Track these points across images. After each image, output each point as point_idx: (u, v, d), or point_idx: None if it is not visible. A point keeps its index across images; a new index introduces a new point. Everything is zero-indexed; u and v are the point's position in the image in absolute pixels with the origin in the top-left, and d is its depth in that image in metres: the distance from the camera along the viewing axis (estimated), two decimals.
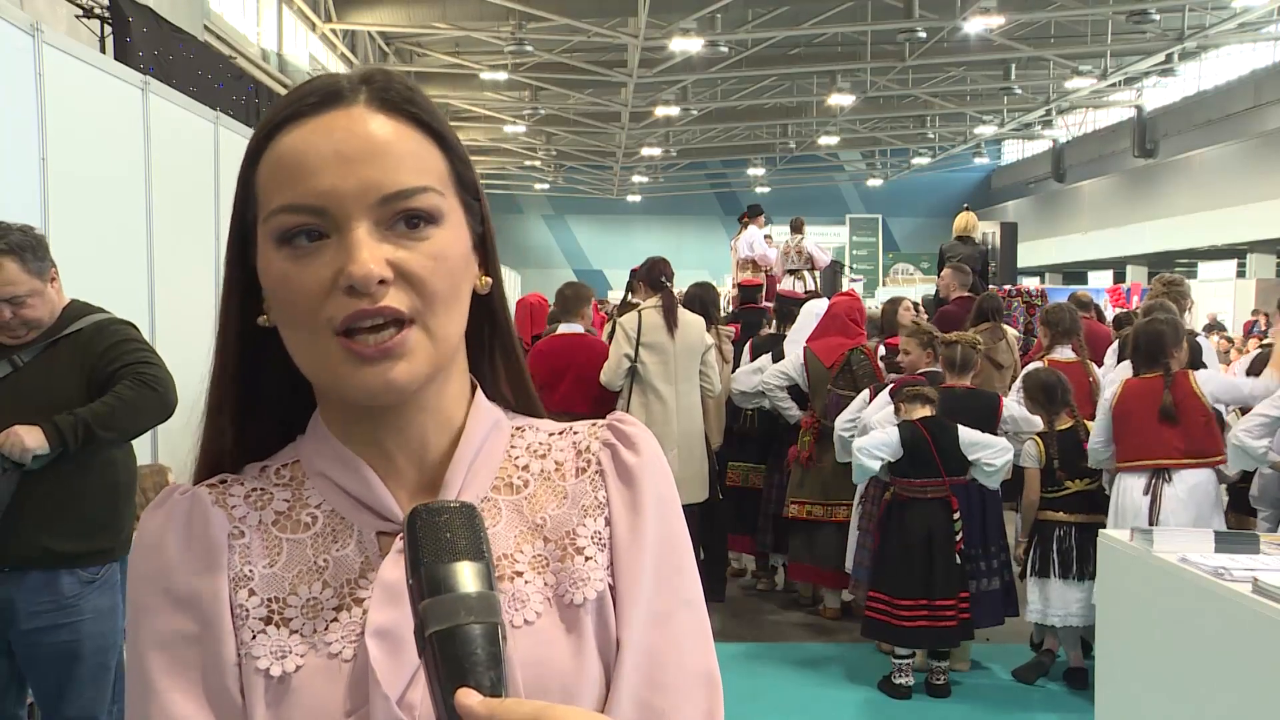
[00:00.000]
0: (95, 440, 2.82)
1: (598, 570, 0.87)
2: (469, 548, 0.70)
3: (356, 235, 0.78)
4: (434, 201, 0.82)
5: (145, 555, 0.85)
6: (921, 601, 4.66)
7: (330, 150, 0.80)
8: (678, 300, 5.46)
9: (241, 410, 0.90)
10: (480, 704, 0.66)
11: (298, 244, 0.80)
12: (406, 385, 0.81)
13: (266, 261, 0.82)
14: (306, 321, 0.80)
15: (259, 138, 0.84)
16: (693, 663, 0.87)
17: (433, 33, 19.27)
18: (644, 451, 0.92)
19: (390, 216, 0.80)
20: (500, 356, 0.96)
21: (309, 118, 0.82)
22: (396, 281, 0.79)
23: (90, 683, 2.96)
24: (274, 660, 0.81)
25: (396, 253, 0.80)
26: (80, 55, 4.47)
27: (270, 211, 0.81)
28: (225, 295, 0.89)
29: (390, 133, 0.82)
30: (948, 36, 19.41)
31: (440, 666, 0.67)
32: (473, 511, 0.72)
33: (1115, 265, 28.56)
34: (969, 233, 9.18)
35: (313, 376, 0.84)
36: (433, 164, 0.84)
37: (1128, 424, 4.55)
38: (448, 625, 0.67)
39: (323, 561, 0.85)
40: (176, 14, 10.32)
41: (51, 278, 2.92)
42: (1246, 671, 2.71)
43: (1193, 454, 4.44)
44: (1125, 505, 4.50)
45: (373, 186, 0.79)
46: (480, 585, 0.69)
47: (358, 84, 0.84)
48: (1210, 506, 4.43)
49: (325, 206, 0.79)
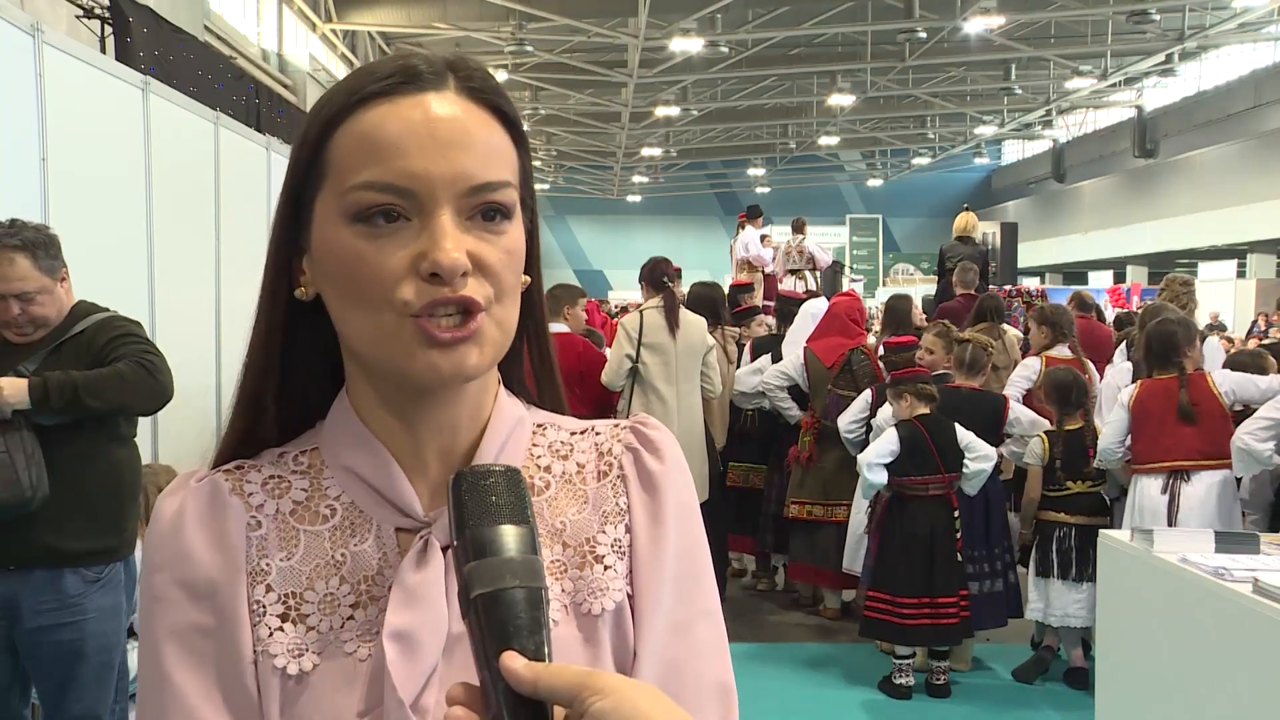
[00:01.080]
0: (80, 405, 2.78)
1: (617, 580, 0.86)
2: (514, 511, 0.70)
3: (442, 222, 0.78)
4: (512, 196, 0.82)
5: (161, 543, 0.83)
6: (924, 600, 4.66)
7: (424, 132, 0.79)
8: (680, 300, 5.46)
9: (282, 390, 0.89)
10: (525, 667, 0.66)
11: (375, 222, 0.78)
12: (475, 371, 0.80)
13: (333, 237, 0.80)
14: (377, 302, 0.78)
15: (336, 109, 0.81)
16: (710, 674, 0.87)
17: (433, 33, 19.26)
18: (667, 458, 0.92)
19: (472, 207, 0.79)
20: (534, 351, 0.95)
21: (397, 96, 0.80)
22: (474, 273, 0.79)
23: (93, 682, 2.96)
24: (291, 659, 0.80)
25: (477, 244, 0.79)
26: (80, 55, 4.47)
27: (350, 186, 0.79)
28: (273, 270, 0.87)
29: (480, 122, 0.82)
30: (948, 37, 19.41)
31: (485, 630, 0.67)
32: (517, 475, 0.73)
33: (1115, 265, 28.56)
34: (969, 233, 9.18)
35: (376, 355, 0.81)
36: (512, 159, 0.84)
37: (1145, 425, 4.54)
38: (492, 589, 0.67)
39: (340, 556, 0.84)
40: (177, 14, 10.32)
41: (62, 278, 2.93)
42: (1247, 671, 2.71)
43: (1211, 454, 4.42)
44: (1143, 506, 4.48)
45: (464, 175, 0.79)
46: (524, 549, 0.69)
47: (443, 69, 0.82)
48: (1230, 506, 4.41)
49: (414, 189, 0.78)
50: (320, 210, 0.82)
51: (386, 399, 0.85)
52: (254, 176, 6.41)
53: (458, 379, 0.80)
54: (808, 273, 10.24)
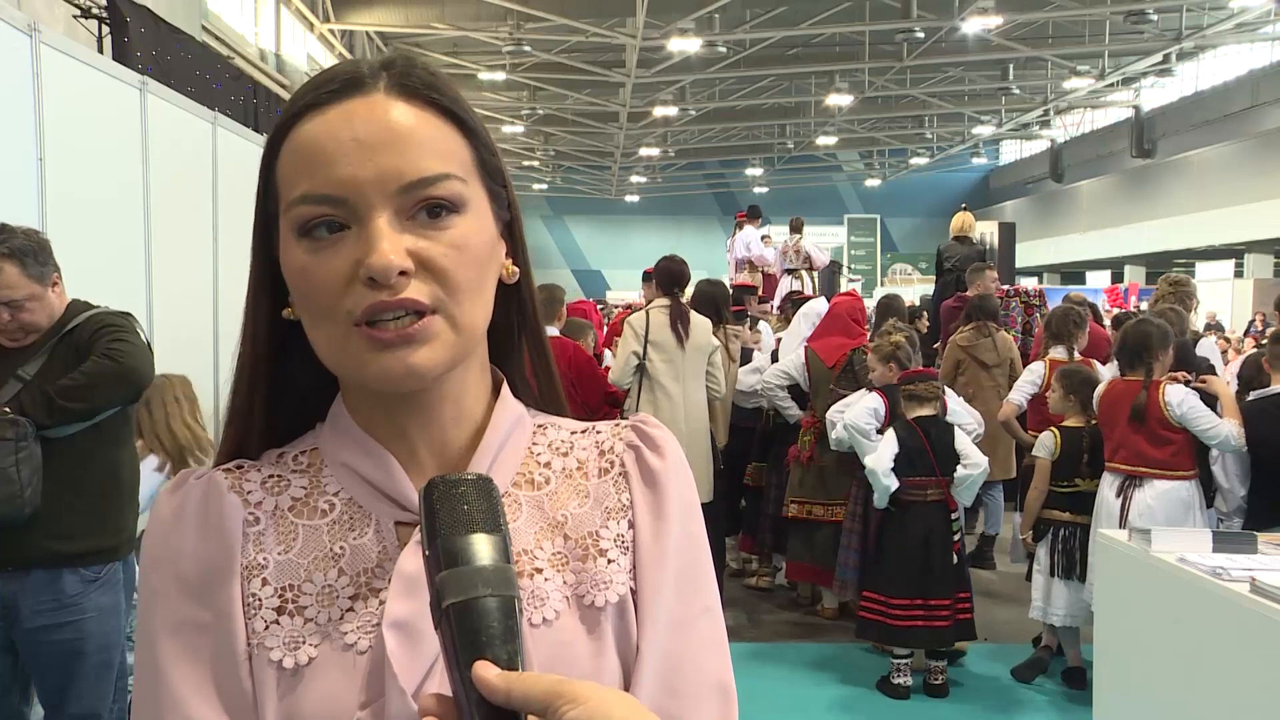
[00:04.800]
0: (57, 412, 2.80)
1: (620, 574, 0.86)
2: (486, 520, 0.70)
3: (376, 225, 0.77)
4: (456, 189, 0.80)
5: (159, 539, 0.84)
6: (917, 601, 4.67)
7: (348, 138, 0.78)
8: (687, 309, 5.46)
9: (269, 398, 0.89)
10: (498, 677, 0.65)
11: (317, 235, 0.79)
12: (428, 371, 0.79)
13: (288, 254, 0.81)
14: (327, 313, 0.79)
15: (279, 128, 0.83)
16: (710, 672, 0.87)
17: (431, 33, 19.26)
18: (668, 455, 0.91)
19: (411, 205, 0.78)
20: (529, 347, 0.94)
21: (328, 106, 0.80)
22: (418, 272, 0.78)
23: (93, 681, 2.97)
24: (287, 651, 0.80)
25: (418, 243, 0.78)
26: (78, 55, 4.46)
27: (290, 202, 0.80)
28: (252, 289, 0.87)
29: (411, 119, 0.80)
30: (946, 37, 19.44)
31: (457, 639, 0.67)
32: (489, 484, 0.72)
33: (1113, 265, 28.59)
34: (966, 232, 9.20)
35: (335, 367, 0.82)
36: (455, 150, 0.82)
37: (1109, 423, 4.61)
38: (464, 598, 0.67)
39: (339, 549, 0.84)
40: (174, 14, 10.31)
41: (54, 283, 2.93)
42: (1244, 671, 2.72)
43: (1157, 465, 4.45)
44: (1101, 503, 4.57)
45: (392, 175, 0.78)
46: (496, 558, 0.69)
47: (378, 70, 0.82)
48: (1183, 513, 4.41)
49: (344, 196, 0.78)
50: (281, 228, 0.82)
51: (373, 405, 0.85)
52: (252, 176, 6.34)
53: (410, 379, 0.79)
54: (804, 273, 10.24)
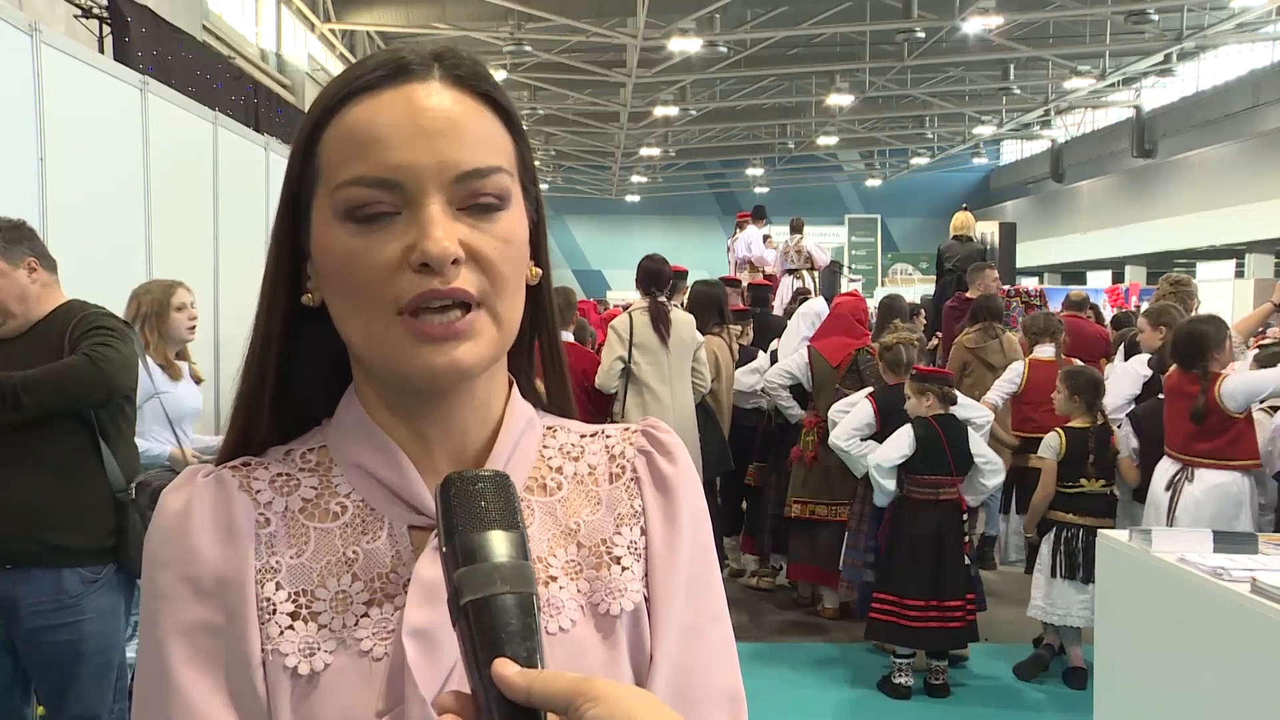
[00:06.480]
0: (20, 404, 2.75)
1: (634, 581, 0.86)
2: (503, 516, 0.70)
3: (431, 211, 0.76)
4: (505, 183, 0.80)
5: (166, 538, 0.81)
6: (931, 602, 4.66)
7: (408, 123, 0.77)
8: (666, 309, 5.46)
9: (281, 392, 0.87)
10: (518, 674, 0.65)
11: (366, 219, 0.77)
12: (472, 368, 0.78)
13: (328, 237, 0.79)
14: (370, 300, 0.77)
15: (323, 109, 0.81)
16: (720, 680, 0.87)
17: (432, 33, 19.24)
18: (679, 461, 0.91)
19: (463, 196, 0.78)
20: (545, 350, 0.93)
21: (381, 90, 0.79)
22: (467, 263, 0.77)
23: (92, 682, 2.96)
24: (302, 658, 0.78)
25: (469, 234, 0.77)
26: (79, 55, 4.47)
27: (338, 184, 0.78)
28: (269, 276, 0.85)
29: (467, 110, 0.80)
30: (946, 37, 19.41)
31: (475, 637, 0.66)
32: (506, 481, 0.72)
33: (1114, 265, 28.56)
34: (966, 231, 9.20)
35: (372, 357, 0.80)
36: (504, 145, 0.82)
37: (1168, 416, 4.65)
38: (482, 594, 0.67)
39: (352, 554, 0.82)
40: (175, 14, 10.31)
41: (30, 267, 2.90)
42: (1245, 671, 2.71)
43: (1213, 456, 4.48)
44: (1151, 495, 4.62)
45: (450, 163, 0.77)
46: (514, 554, 0.68)
47: (429, 60, 0.81)
48: (1233, 507, 4.44)
49: (400, 180, 0.76)
50: (316, 212, 0.81)
51: (393, 403, 0.84)
52: (252, 176, 6.42)
53: (453, 376, 0.78)
54: (805, 273, 10.23)
